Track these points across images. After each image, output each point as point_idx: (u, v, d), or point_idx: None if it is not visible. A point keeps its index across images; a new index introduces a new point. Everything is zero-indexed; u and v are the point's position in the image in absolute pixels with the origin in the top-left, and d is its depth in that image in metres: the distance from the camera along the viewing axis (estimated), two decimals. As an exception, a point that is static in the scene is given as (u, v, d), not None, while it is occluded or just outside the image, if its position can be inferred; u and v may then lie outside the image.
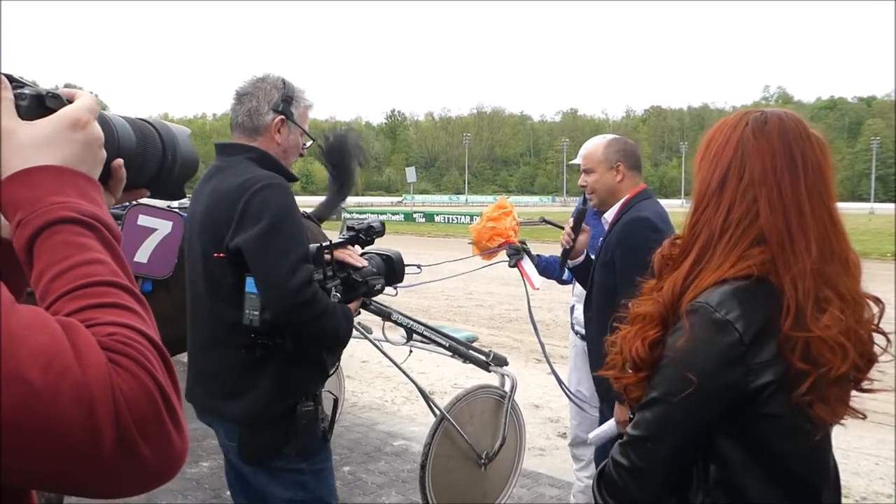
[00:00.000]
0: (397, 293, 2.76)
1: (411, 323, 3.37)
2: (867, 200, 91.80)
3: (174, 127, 1.04)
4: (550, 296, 10.35)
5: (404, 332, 3.44)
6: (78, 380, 0.64)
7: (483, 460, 3.49)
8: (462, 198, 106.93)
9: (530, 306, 3.85)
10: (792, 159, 1.34)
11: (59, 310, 0.72)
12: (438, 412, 3.38)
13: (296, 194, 2.27)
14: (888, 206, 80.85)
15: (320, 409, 2.31)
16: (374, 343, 3.63)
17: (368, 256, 2.51)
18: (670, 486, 1.38)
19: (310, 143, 2.40)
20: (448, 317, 10.76)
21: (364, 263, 2.41)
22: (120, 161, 0.91)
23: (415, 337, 3.47)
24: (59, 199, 0.77)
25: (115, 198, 0.94)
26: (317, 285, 2.14)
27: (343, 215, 4.68)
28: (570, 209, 4.10)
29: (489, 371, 3.67)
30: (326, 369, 2.40)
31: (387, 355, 3.54)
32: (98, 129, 0.85)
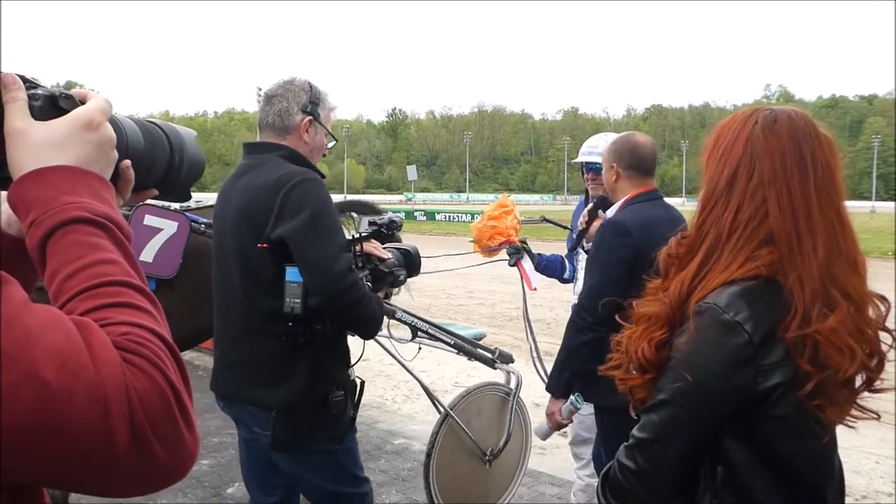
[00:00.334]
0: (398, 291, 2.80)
1: (416, 321, 3.37)
2: (868, 199, 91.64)
3: (181, 129, 1.04)
4: (551, 294, 10.35)
5: (409, 329, 3.44)
6: (92, 379, 0.64)
7: (488, 457, 3.49)
8: (463, 196, 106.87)
9: (526, 306, 3.85)
10: (802, 159, 1.33)
11: (73, 309, 0.72)
12: (443, 409, 3.38)
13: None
14: (889, 204, 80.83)
15: (349, 399, 2.44)
16: (377, 341, 3.63)
17: (388, 250, 2.63)
18: (677, 489, 1.38)
19: (332, 143, 2.50)
20: (449, 315, 10.76)
21: (389, 255, 2.56)
22: (128, 162, 0.91)
23: (420, 335, 3.46)
24: (72, 200, 0.77)
25: (125, 199, 0.94)
26: (357, 272, 2.28)
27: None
28: (572, 208, 4.11)
29: (495, 368, 3.66)
30: (350, 360, 2.51)
31: (391, 353, 3.53)
32: (110, 130, 0.86)
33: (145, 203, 3.44)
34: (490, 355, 3.61)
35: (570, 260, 3.84)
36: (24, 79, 0.82)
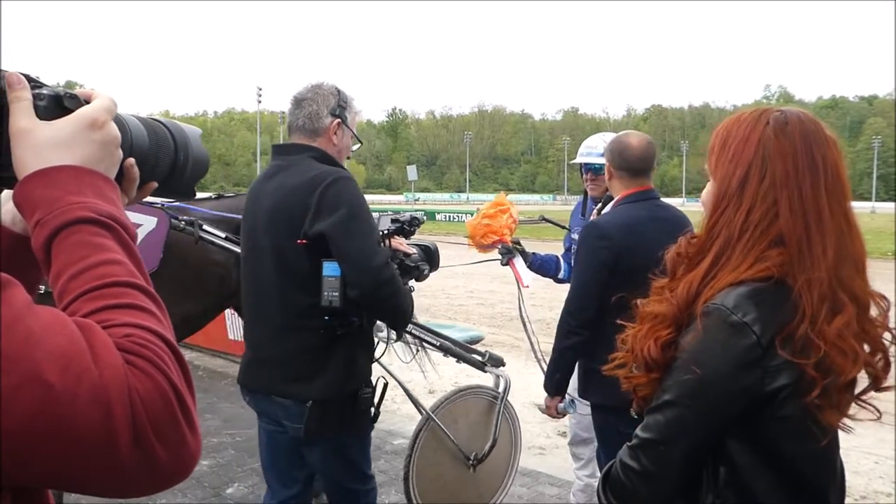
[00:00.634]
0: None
1: None
2: (868, 199, 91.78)
3: (186, 127, 1.03)
4: (551, 294, 10.34)
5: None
6: (95, 382, 0.64)
7: (472, 461, 3.43)
8: (463, 196, 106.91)
9: (521, 304, 3.87)
10: (813, 161, 1.32)
11: (77, 310, 0.72)
12: (424, 412, 3.36)
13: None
14: (889, 205, 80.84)
15: (375, 396, 2.55)
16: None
17: (411, 245, 2.74)
18: (680, 489, 1.37)
19: (357, 145, 2.60)
20: (449, 315, 10.76)
21: (413, 251, 2.68)
22: (132, 160, 0.91)
23: (404, 335, 3.43)
24: (77, 199, 0.77)
25: (130, 197, 0.94)
26: (393, 266, 2.38)
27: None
28: (572, 207, 4.11)
29: (485, 371, 3.62)
30: (374, 357, 2.64)
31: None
32: (115, 129, 0.86)
33: None
34: (480, 358, 3.56)
35: (567, 260, 3.84)
36: (28, 78, 0.82)
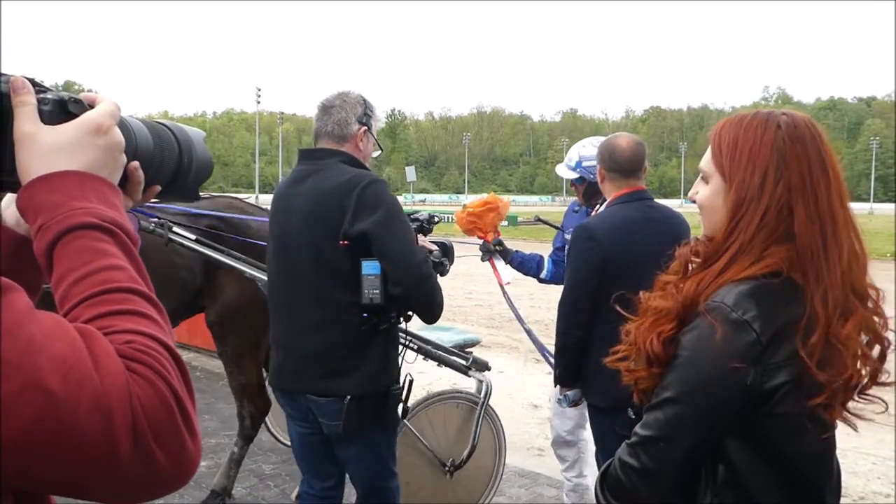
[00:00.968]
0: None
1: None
2: (866, 200, 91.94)
3: (190, 130, 1.03)
4: (549, 295, 10.35)
5: None
6: (96, 388, 0.64)
7: (448, 468, 3.37)
8: (462, 197, 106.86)
9: (508, 298, 3.94)
10: (824, 166, 1.35)
11: (79, 315, 0.73)
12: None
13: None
14: (887, 205, 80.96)
15: (403, 392, 2.65)
16: None
17: (431, 242, 2.83)
18: (679, 488, 1.37)
19: (378, 152, 2.70)
20: (447, 316, 10.75)
21: (435, 248, 2.76)
22: (136, 164, 0.91)
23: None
24: (81, 205, 0.77)
25: (134, 201, 0.93)
26: (430, 262, 2.49)
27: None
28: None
29: (468, 376, 3.57)
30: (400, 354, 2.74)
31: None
32: (119, 134, 0.86)
33: None
34: (463, 362, 3.51)
35: (555, 259, 3.91)
36: (33, 82, 0.82)
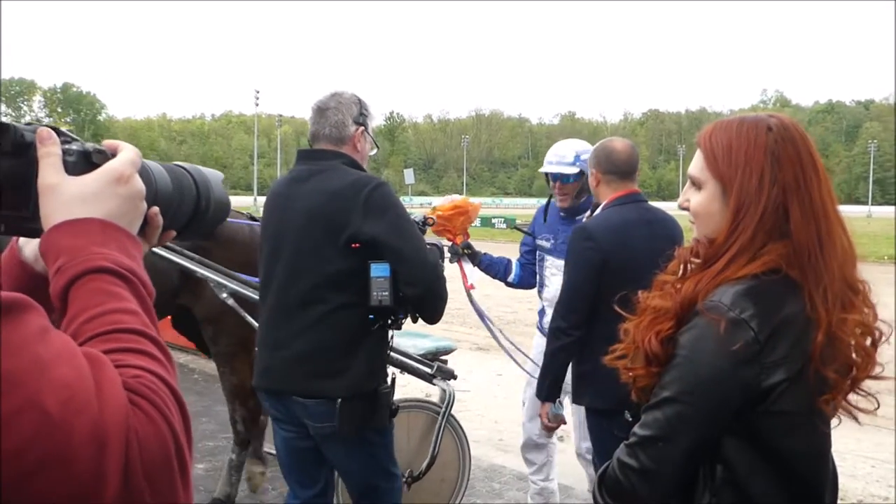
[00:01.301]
0: None
1: None
2: (865, 203, 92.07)
3: (208, 171, 1.05)
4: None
5: None
6: (94, 418, 0.63)
7: (406, 479, 3.25)
8: (459, 200, 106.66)
9: (473, 300, 4.00)
10: (815, 166, 1.37)
11: None
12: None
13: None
14: (885, 209, 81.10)
15: (392, 392, 2.61)
16: None
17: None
18: (677, 488, 1.37)
19: (374, 150, 2.66)
20: (446, 318, 10.68)
21: (432, 249, 2.75)
22: (156, 209, 0.92)
23: None
24: (100, 250, 0.79)
25: (151, 244, 0.95)
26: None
27: None
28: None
29: (433, 384, 3.51)
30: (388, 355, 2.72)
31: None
32: (140, 182, 0.87)
33: None
34: (428, 370, 3.44)
35: (523, 263, 3.95)
36: (58, 132, 0.84)
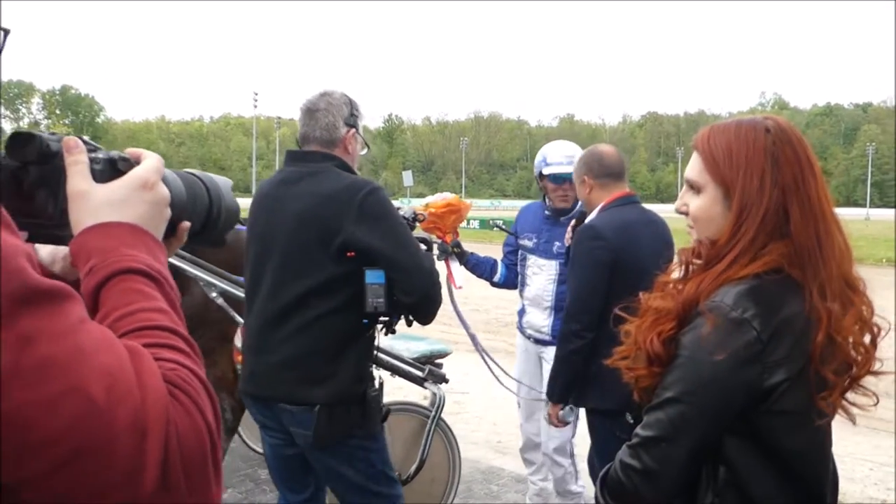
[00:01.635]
0: None
1: None
2: (863, 206, 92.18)
3: (218, 178, 1.07)
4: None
5: None
6: (136, 406, 0.64)
7: None
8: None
9: (454, 300, 4.01)
10: (811, 167, 1.39)
11: None
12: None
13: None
14: (883, 211, 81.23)
15: (381, 395, 2.56)
16: None
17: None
18: (680, 489, 1.37)
19: (365, 150, 2.60)
20: (444, 320, 10.70)
21: (423, 246, 2.71)
22: (187, 224, 0.96)
23: None
24: (131, 252, 0.81)
25: (169, 254, 0.96)
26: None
27: None
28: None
29: (424, 387, 3.51)
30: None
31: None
32: (164, 189, 0.90)
33: None
34: (419, 374, 3.43)
35: (507, 264, 3.96)
36: (83, 141, 0.86)
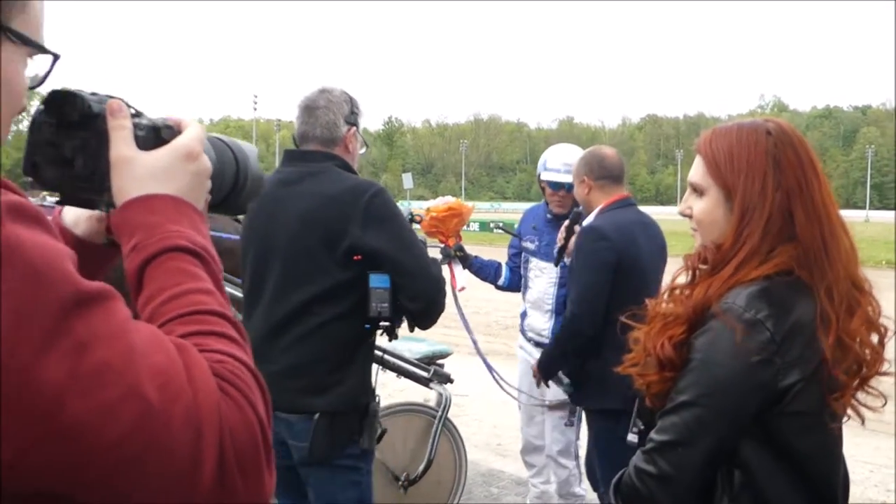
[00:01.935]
0: None
1: None
2: (862, 208, 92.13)
3: (244, 145, 1.04)
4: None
5: None
6: (189, 404, 0.63)
7: (402, 482, 3.30)
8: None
9: (458, 304, 3.97)
10: (814, 168, 1.40)
11: (169, 332, 0.71)
12: None
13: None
14: (883, 213, 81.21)
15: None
16: None
17: None
18: (696, 494, 1.36)
19: (364, 149, 2.52)
20: (445, 323, 10.66)
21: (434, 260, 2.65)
22: (208, 197, 0.91)
23: None
24: (176, 228, 0.78)
25: None
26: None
27: None
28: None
29: (430, 388, 3.53)
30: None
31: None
32: (207, 160, 0.87)
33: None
34: (425, 374, 3.44)
35: (511, 266, 3.96)
36: (127, 105, 0.83)
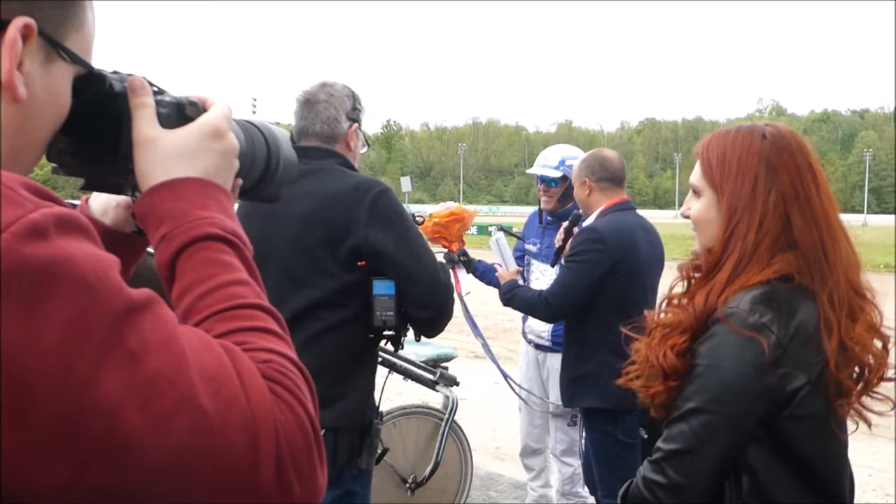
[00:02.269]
0: None
1: None
2: (860, 212, 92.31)
3: (276, 129, 0.99)
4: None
5: None
6: (243, 408, 0.61)
7: (410, 484, 3.30)
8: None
9: (466, 308, 3.93)
10: (813, 173, 1.38)
11: (209, 329, 0.69)
12: None
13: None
14: (881, 217, 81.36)
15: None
16: None
17: None
18: (707, 501, 1.35)
19: (366, 149, 2.42)
20: (447, 326, 10.71)
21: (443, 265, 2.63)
22: (239, 182, 0.88)
23: None
24: (204, 214, 0.74)
25: None
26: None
27: None
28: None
29: (436, 390, 3.53)
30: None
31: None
32: (234, 139, 0.83)
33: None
34: (431, 377, 3.44)
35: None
36: (148, 82, 0.80)
